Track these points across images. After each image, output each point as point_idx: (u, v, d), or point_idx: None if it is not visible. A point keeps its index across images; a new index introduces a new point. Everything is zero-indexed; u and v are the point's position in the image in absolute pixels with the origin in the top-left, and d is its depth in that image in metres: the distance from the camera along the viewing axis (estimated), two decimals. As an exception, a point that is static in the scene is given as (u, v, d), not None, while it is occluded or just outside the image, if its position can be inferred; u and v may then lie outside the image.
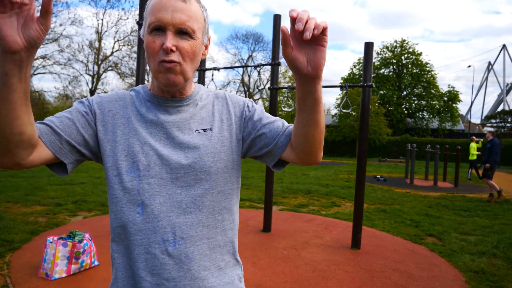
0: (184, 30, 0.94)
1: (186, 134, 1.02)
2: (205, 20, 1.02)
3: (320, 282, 3.49)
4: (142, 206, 0.96)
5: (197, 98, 1.09)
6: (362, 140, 4.64)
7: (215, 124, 1.06)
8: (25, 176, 9.66)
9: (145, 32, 0.97)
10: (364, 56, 4.59)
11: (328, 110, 50.68)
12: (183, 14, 0.93)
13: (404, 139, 28.49)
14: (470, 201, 8.66)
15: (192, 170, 1.00)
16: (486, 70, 66.05)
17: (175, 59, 0.94)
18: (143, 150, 0.99)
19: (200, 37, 0.99)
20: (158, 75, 0.96)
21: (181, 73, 0.97)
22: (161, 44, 0.93)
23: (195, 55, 0.98)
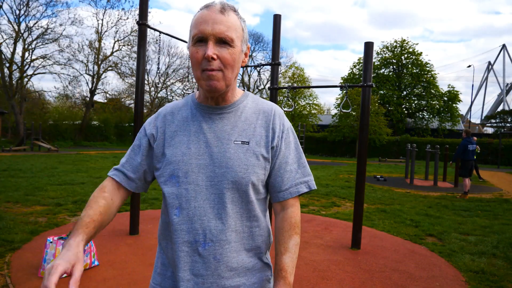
0: (223, 39, 1.03)
1: (224, 144, 1.09)
2: (243, 30, 1.09)
3: (320, 282, 3.49)
4: (179, 209, 1.08)
5: (241, 107, 1.15)
6: (362, 140, 4.64)
7: (254, 138, 1.12)
8: (25, 176, 9.67)
9: (190, 44, 1.07)
10: (364, 56, 4.59)
11: (328, 110, 50.68)
12: (222, 25, 1.02)
13: (404, 139, 28.49)
14: (470, 201, 8.66)
15: (225, 179, 1.07)
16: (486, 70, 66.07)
17: (215, 67, 1.03)
18: (183, 159, 1.09)
19: (239, 45, 1.07)
20: (201, 82, 1.06)
21: (223, 79, 1.05)
22: (203, 54, 1.02)
23: (235, 62, 1.06)
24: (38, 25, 28.04)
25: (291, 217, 1.15)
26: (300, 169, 1.17)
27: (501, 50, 66.22)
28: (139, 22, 4.56)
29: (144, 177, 1.19)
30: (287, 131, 1.17)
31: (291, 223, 1.14)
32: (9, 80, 26.57)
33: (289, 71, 30.00)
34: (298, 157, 1.19)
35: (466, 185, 9.29)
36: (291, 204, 1.16)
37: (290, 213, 1.15)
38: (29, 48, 27.57)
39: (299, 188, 1.16)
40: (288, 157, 1.15)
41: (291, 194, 1.15)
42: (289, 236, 1.12)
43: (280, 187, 1.14)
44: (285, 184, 1.14)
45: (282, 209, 1.16)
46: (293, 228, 1.13)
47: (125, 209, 6.23)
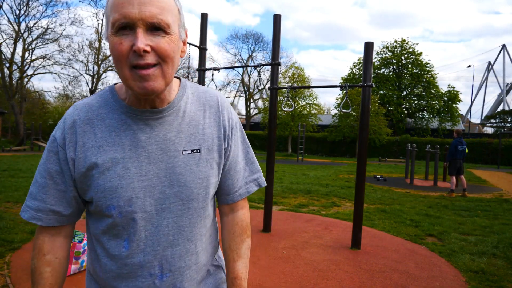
0: (157, 25, 0.78)
1: (171, 157, 0.89)
2: (179, 11, 0.86)
3: (320, 282, 3.49)
4: (127, 241, 0.89)
5: (182, 105, 0.93)
6: (362, 140, 4.64)
7: (204, 143, 0.94)
8: (25, 176, 9.66)
9: (109, 33, 0.80)
10: (364, 56, 4.60)
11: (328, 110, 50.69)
12: (153, 6, 0.78)
13: (404, 139, 28.48)
14: (470, 201, 8.66)
15: (179, 199, 0.90)
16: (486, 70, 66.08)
17: (151, 61, 0.79)
18: (121, 183, 0.86)
19: (177, 31, 0.84)
20: (131, 83, 0.80)
21: (162, 77, 0.82)
22: (130, 45, 0.78)
23: (175, 53, 0.83)
24: (38, 25, 28.08)
25: (242, 220, 1.05)
26: (248, 165, 1.05)
27: (501, 50, 66.21)
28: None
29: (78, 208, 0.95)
30: (236, 125, 1.01)
31: (243, 227, 1.04)
32: (9, 80, 26.58)
33: (289, 71, 29.98)
34: (245, 153, 1.05)
35: (453, 182, 9.56)
36: (241, 206, 1.05)
37: (241, 215, 1.05)
38: (29, 48, 27.60)
39: (248, 188, 1.05)
40: (237, 155, 1.01)
41: (241, 195, 1.03)
42: (241, 241, 1.04)
43: (229, 190, 1.02)
44: (235, 185, 1.02)
45: (231, 211, 1.05)
46: (244, 231, 1.04)
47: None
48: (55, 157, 0.89)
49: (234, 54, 41.85)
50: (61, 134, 0.89)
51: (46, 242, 0.93)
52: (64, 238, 0.96)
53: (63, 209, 0.92)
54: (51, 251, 0.93)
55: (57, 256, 0.93)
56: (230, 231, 1.05)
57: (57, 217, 0.92)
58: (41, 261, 0.92)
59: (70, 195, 0.92)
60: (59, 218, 0.92)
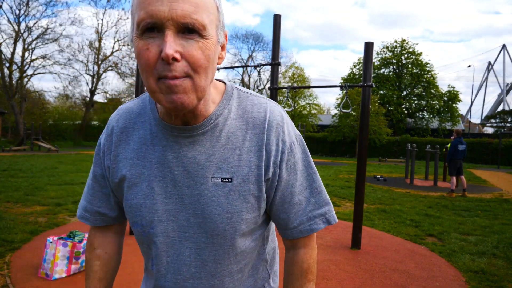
0: (190, 27, 0.64)
1: (197, 183, 0.78)
2: (218, 9, 0.71)
3: (320, 282, 3.49)
4: (152, 261, 0.86)
5: (221, 122, 0.78)
6: (362, 140, 4.64)
7: (239, 171, 0.78)
8: (25, 176, 9.67)
9: (134, 35, 0.68)
10: (364, 56, 4.59)
11: (328, 110, 50.71)
12: (186, 3, 0.64)
13: (404, 139, 28.49)
14: (470, 201, 8.66)
15: (202, 231, 0.80)
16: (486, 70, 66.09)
17: (179, 73, 0.65)
18: (145, 203, 0.81)
19: (214, 34, 0.69)
20: (158, 96, 0.68)
21: (193, 90, 0.68)
22: (158, 51, 0.65)
23: (210, 62, 0.69)
24: (38, 25, 28.14)
25: (303, 261, 0.87)
26: (313, 197, 0.85)
27: (501, 50, 66.22)
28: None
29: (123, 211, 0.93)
30: (290, 149, 0.81)
31: (303, 269, 0.87)
32: (9, 80, 26.59)
33: (289, 71, 30.03)
34: (309, 182, 0.85)
35: (453, 183, 9.58)
36: (303, 244, 0.88)
37: (302, 255, 0.88)
38: (29, 48, 27.62)
39: (312, 225, 0.85)
40: (294, 185, 0.83)
41: (301, 233, 0.85)
42: (300, 285, 0.87)
43: (286, 225, 0.85)
44: (293, 221, 0.84)
45: (292, 248, 0.90)
46: (305, 275, 0.87)
47: (125, 209, 6.24)
48: (100, 160, 0.88)
49: (234, 54, 41.85)
50: (104, 139, 0.87)
51: (96, 237, 0.95)
52: (114, 234, 0.97)
53: (108, 211, 0.91)
54: (101, 246, 0.95)
55: (107, 251, 0.95)
56: (289, 270, 0.90)
57: (103, 218, 0.92)
58: (91, 254, 0.95)
59: (113, 200, 0.90)
60: (105, 219, 0.93)
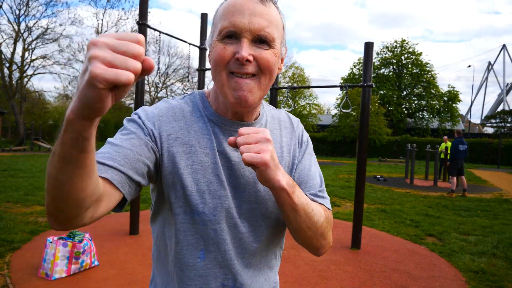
0: (263, 38, 0.79)
1: (252, 172, 0.88)
2: (283, 28, 0.86)
3: (320, 282, 3.49)
4: (204, 251, 0.86)
5: (264, 121, 0.95)
6: (362, 140, 4.64)
7: (282, 161, 0.93)
8: (25, 176, 9.67)
9: (214, 39, 0.81)
10: (364, 56, 4.59)
11: (328, 110, 50.72)
12: (262, 19, 0.78)
13: (404, 139, 28.49)
14: (470, 201, 8.66)
15: (254, 216, 0.89)
16: (486, 70, 66.12)
17: (250, 71, 0.79)
18: (209, 190, 0.84)
19: (279, 47, 0.83)
20: (226, 91, 0.80)
21: (258, 89, 0.81)
22: (233, 52, 0.78)
23: (275, 67, 0.82)
24: (38, 25, 28.12)
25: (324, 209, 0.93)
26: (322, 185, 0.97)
27: (501, 50, 66.25)
28: (139, 22, 4.56)
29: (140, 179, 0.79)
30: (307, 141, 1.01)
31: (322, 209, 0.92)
32: (9, 80, 26.61)
33: (289, 71, 30.01)
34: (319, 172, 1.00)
35: (454, 183, 9.58)
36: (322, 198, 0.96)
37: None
38: (29, 48, 27.64)
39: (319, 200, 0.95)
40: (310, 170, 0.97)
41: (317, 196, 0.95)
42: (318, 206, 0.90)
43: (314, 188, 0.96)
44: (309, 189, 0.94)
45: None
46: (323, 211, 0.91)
47: (125, 209, 6.22)
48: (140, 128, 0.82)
49: (234, 54, 41.84)
50: (145, 115, 0.84)
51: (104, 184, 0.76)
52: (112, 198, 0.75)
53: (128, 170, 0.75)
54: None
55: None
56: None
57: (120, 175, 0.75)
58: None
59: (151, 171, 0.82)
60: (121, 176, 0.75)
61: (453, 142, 9.69)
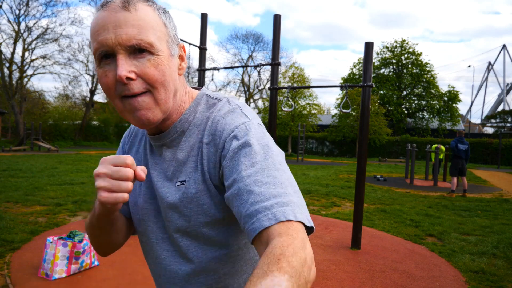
0: (137, 47, 0.70)
1: (165, 186, 0.83)
2: (165, 25, 0.76)
3: (320, 282, 3.49)
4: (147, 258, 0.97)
5: (185, 127, 0.82)
6: (362, 140, 4.64)
7: (192, 172, 0.79)
8: (25, 176, 9.67)
9: (96, 66, 0.75)
10: (364, 56, 4.60)
11: (328, 110, 50.71)
12: (129, 28, 0.69)
13: (404, 139, 28.49)
14: (470, 201, 8.66)
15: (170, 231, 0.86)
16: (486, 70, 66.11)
17: (138, 90, 0.71)
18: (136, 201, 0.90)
19: (165, 48, 0.74)
20: (127, 115, 0.75)
21: (155, 105, 0.73)
22: (115, 75, 0.71)
23: (166, 76, 0.73)
24: (38, 25, 28.13)
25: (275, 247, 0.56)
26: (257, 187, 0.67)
27: (501, 50, 66.24)
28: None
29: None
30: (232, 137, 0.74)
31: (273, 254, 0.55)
32: (9, 80, 26.60)
33: (289, 71, 29.98)
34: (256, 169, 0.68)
35: (454, 183, 9.55)
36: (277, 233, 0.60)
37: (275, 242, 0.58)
38: (29, 48, 27.62)
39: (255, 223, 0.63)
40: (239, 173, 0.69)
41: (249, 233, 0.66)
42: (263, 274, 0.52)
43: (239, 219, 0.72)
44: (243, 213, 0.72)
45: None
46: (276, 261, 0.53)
47: (125, 209, 6.23)
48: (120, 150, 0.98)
49: (234, 54, 41.87)
50: (127, 134, 0.99)
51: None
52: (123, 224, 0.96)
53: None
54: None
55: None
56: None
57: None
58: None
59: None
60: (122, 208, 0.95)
61: (452, 141, 9.68)
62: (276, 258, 0.54)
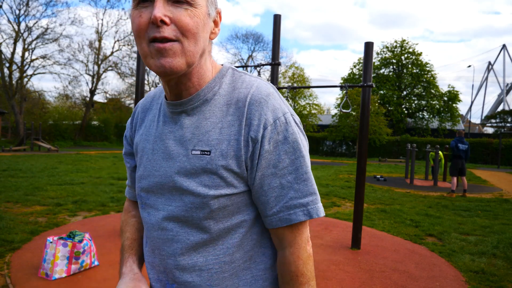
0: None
1: (181, 155, 0.80)
2: None
3: (320, 282, 3.49)
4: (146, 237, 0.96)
5: (209, 97, 0.80)
6: (362, 140, 4.64)
7: (218, 144, 0.77)
8: (25, 176, 9.67)
9: (131, 7, 0.75)
10: (364, 56, 4.59)
11: (328, 110, 50.72)
12: None
13: (404, 139, 28.49)
14: (470, 201, 8.66)
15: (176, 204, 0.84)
16: (486, 70, 66.10)
17: (169, 35, 0.70)
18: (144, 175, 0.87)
19: (204, 4, 0.74)
20: (150, 61, 0.73)
21: (182, 54, 0.72)
22: (149, 17, 0.70)
23: (199, 29, 0.72)
24: (38, 25, 28.11)
25: (290, 263, 0.79)
26: (297, 184, 0.77)
27: (501, 50, 66.23)
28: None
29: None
30: (274, 125, 0.75)
31: (291, 272, 0.79)
32: (9, 80, 26.58)
33: (289, 71, 30.02)
34: (295, 166, 0.77)
35: (454, 183, 9.55)
36: (288, 243, 0.80)
37: (288, 256, 0.80)
38: (29, 48, 27.60)
39: (291, 215, 0.77)
40: (276, 166, 0.76)
41: (280, 221, 0.78)
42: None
43: (265, 210, 0.79)
44: (272, 206, 0.78)
45: (279, 247, 0.83)
46: (295, 278, 0.79)
47: (125, 209, 6.23)
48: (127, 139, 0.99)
49: (234, 54, 41.78)
50: (130, 119, 0.99)
51: (130, 205, 1.06)
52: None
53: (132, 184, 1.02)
54: (136, 210, 1.04)
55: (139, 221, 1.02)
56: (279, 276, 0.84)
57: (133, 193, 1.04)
58: (127, 215, 1.03)
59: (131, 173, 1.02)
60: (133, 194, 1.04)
61: (452, 141, 9.68)
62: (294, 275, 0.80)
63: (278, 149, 0.75)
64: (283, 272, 0.81)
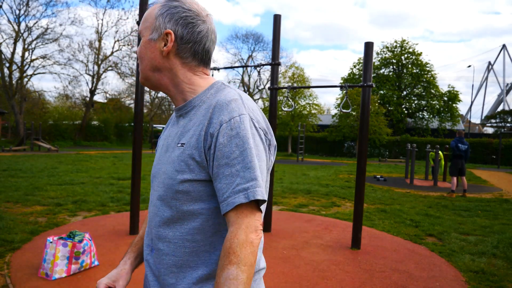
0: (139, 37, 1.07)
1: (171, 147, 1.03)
2: (155, 18, 1.02)
3: (320, 282, 3.49)
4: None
5: (197, 105, 1.01)
6: (362, 140, 4.64)
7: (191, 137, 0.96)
8: (25, 176, 9.66)
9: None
10: (364, 56, 4.59)
11: (328, 110, 50.70)
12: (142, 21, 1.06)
13: (404, 139, 28.48)
14: (470, 201, 8.66)
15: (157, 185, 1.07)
16: (486, 70, 66.11)
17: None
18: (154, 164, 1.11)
19: (147, 34, 1.03)
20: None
21: (141, 73, 1.06)
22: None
23: (142, 54, 1.04)
24: (38, 25, 28.10)
25: (226, 240, 0.87)
26: (242, 171, 0.88)
27: (501, 50, 66.24)
28: (138, 22, 4.56)
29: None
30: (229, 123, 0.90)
31: (225, 248, 0.86)
32: (9, 80, 26.58)
33: (289, 71, 29.97)
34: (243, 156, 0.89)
35: (454, 183, 9.54)
36: (230, 222, 0.88)
37: (228, 234, 0.88)
38: (29, 48, 27.60)
39: (235, 198, 0.87)
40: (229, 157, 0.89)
41: (228, 205, 0.88)
42: (221, 267, 0.85)
43: (220, 197, 0.90)
44: (223, 192, 0.89)
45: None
46: (226, 255, 0.85)
47: (125, 209, 6.22)
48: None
49: (234, 54, 41.87)
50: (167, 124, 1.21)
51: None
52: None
53: None
54: None
55: None
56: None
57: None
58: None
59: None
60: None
61: (452, 141, 9.68)
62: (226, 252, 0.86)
63: (231, 142, 0.90)
64: (222, 249, 0.88)
